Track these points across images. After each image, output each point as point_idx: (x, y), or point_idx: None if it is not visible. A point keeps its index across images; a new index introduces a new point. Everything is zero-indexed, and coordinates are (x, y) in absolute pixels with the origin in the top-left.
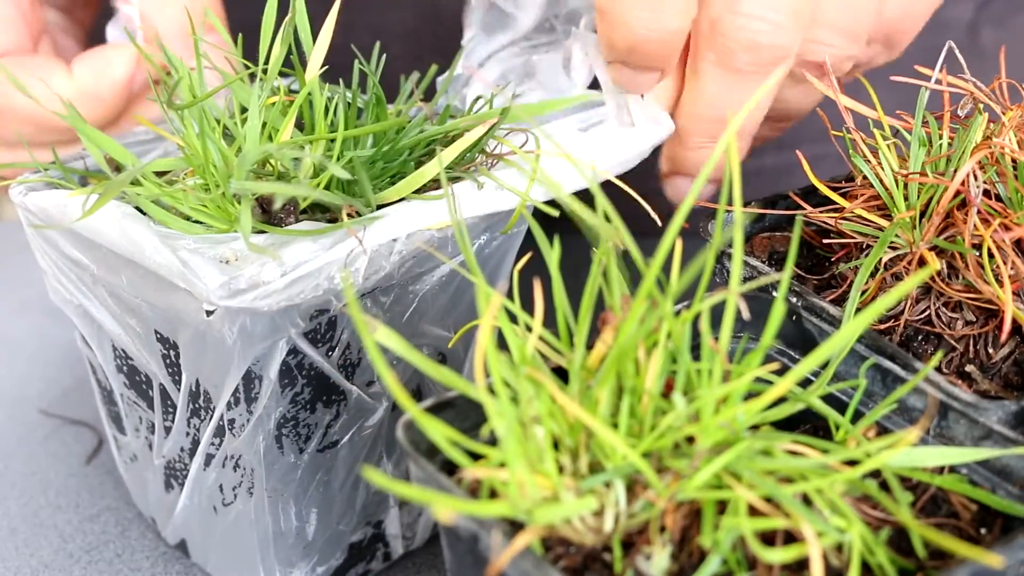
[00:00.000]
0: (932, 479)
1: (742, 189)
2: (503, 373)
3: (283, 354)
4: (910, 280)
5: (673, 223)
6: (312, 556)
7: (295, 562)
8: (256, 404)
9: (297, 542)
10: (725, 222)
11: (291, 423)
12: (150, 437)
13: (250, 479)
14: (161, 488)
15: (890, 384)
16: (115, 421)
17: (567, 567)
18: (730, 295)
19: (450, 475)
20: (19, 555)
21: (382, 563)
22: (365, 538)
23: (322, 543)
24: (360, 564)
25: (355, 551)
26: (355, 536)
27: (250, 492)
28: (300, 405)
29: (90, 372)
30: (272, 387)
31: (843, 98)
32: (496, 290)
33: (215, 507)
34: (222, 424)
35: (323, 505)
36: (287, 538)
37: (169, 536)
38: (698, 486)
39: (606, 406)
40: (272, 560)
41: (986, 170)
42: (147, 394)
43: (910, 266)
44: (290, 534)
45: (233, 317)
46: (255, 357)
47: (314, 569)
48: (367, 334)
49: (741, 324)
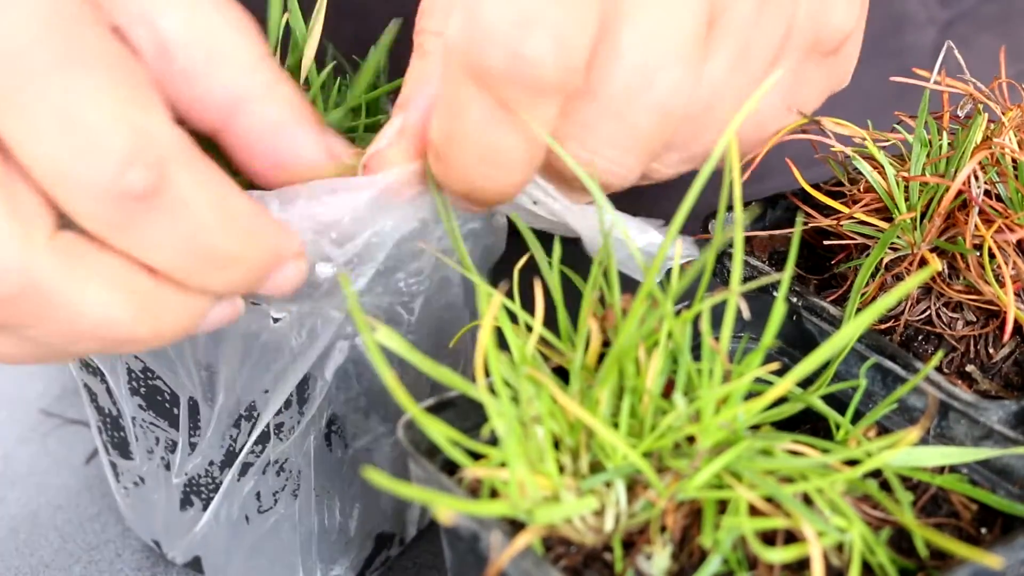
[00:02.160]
0: (932, 479)
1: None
2: (503, 373)
3: (343, 355)
4: (911, 280)
5: (674, 223)
6: (352, 551)
7: (336, 558)
8: (308, 405)
9: (339, 538)
10: (725, 222)
11: (340, 419)
12: (168, 457)
13: (296, 481)
14: (176, 507)
15: (890, 384)
16: (118, 447)
17: (568, 567)
18: (731, 295)
19: (451, 475)
20: (19, 555)
21: (397, 547)
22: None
23: (360, 537)
24: (384, 552)
25: (380, 540)
26: (385, 526)
27: (295, 495)
28: (352, 406)
29: (87, 400)
30: (327, 387)
31: (827, 120)
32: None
33: (247, 516)
34: (266, 431)
35: (366, 498)
36: (330, 535)
37: (179, 556)
38: (699, 486)
39: (607, 406)
40: (314, 559)
41: (987, 171)
42: (170, 412)
43: (911, 267)
44: (333, 531)
45: (303, 321)
46: (316, 359)
47: (352, 563)
48: (368, 333)
49: (741, 324)
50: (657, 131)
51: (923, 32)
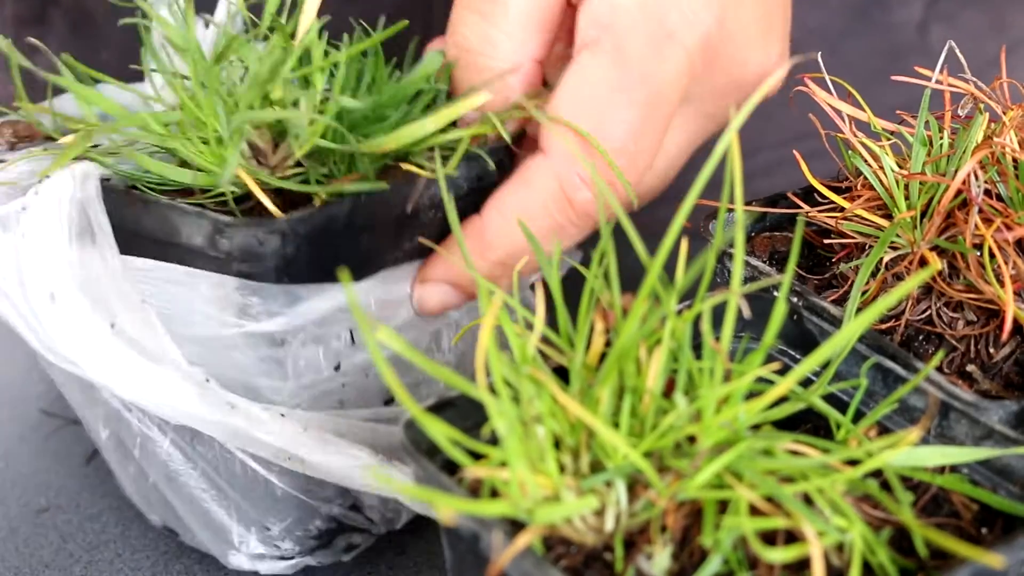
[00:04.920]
0: (933, 479)
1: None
2: (504, 372)
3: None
4: (911, 280)
5: (675, 223)
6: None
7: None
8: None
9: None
10: (726, 222)
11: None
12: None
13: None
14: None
15: (891, 384)
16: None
17: (568, 567)
18: (731, 295)
19: (451, 475)
20: (19, 555)
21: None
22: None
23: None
24: (345, 535)
25: (333, 519)
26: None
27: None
28: None
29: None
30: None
31: (834, 100)
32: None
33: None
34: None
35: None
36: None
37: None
38: (699, 486)
39: (607, 405)
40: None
41: (987, 170)
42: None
43: (911, 266)
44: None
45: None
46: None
47: (288, 526)
48: (368, 333)
49: (742, 324)
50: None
51: (909, 7)
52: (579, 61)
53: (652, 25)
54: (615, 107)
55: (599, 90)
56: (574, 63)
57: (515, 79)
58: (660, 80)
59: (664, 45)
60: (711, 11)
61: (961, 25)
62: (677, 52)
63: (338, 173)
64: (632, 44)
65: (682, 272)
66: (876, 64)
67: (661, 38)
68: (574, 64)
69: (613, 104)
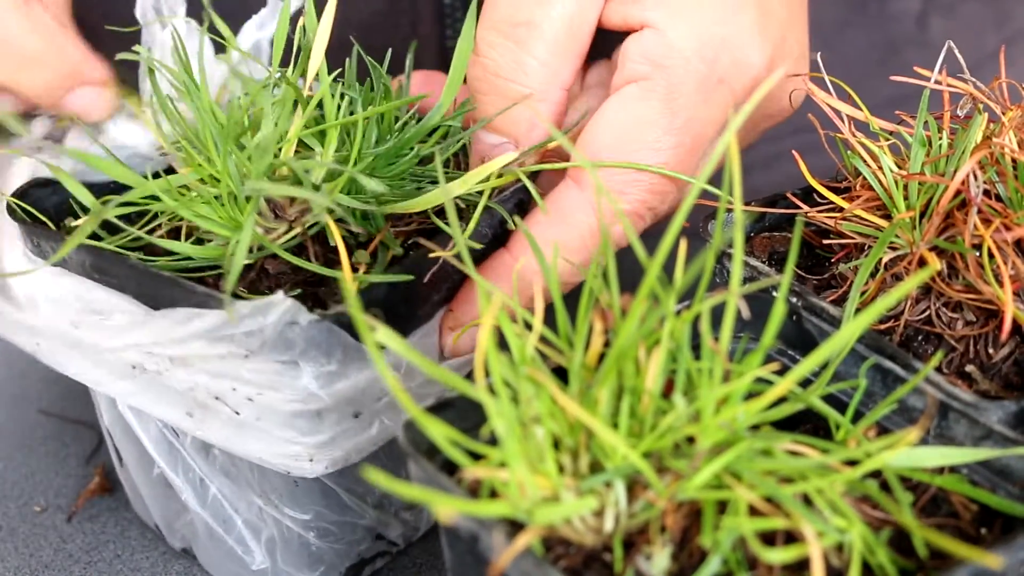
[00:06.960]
0: (932, 479)
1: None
2: (503, 373)
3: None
4: (910, 280)
5: (674, 223)
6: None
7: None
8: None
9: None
10: (725, 222)
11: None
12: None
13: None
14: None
15: (890, 384)
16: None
17: (567, 567)
18: (731, 295)
19: (450, 475)
20: (19, 555)
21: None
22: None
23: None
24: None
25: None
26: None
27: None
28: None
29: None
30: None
31: (832, 100)
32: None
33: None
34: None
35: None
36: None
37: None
38: (698, 486)
39: (606, 406)
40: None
41: (986, 170)
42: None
43: (910, 266)
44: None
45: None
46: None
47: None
48: (367, 333)
49: (741, 324)
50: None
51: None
52: (625, 94)
53: (705, 70)
54: (657, 150)
55: (644, 131)
56: (619, 94)
57: (545, 107)
58: (704, 122)
59: (714, 91)
60: (763, 55)
61: (961, 17)
62: (724, 96)
63: (356, 220)
64: (684, 89)
65: (681, 272)
66: (874, 56)
67: (712, 84)
68: (619, 96)
69: (656, 147)
